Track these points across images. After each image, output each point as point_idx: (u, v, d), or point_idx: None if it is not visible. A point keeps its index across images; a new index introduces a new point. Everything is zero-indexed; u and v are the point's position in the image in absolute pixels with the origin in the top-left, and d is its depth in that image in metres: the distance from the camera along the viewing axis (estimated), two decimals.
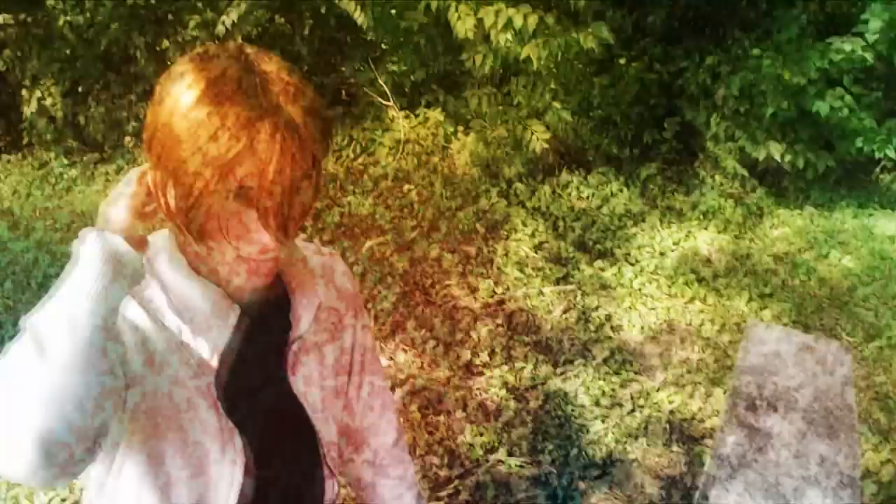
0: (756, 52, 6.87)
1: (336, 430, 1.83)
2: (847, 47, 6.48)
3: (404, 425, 4.51)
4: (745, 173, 7.23)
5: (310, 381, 1.70)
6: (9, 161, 8.66)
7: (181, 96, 1.27)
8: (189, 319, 1.50)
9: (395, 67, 8.11)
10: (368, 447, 2.02)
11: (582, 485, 4.15)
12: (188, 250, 1.49)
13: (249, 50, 1.34)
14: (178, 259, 1.48)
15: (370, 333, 1.91)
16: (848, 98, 6.65)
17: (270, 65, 1.32)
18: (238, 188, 1.28)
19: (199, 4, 8.20)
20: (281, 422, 1.69)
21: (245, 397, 1.59)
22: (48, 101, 8.43)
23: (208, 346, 1.51)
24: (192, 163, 1.26)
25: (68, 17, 7.94)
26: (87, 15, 7.89)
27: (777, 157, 6.86)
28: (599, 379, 4.93)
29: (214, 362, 1.52)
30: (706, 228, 6.74)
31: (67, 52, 8.26)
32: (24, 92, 8.51)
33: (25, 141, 8.78)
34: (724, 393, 4.66)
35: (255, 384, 1.61)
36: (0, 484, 4.25)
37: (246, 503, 1.63)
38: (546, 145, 7.16)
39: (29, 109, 8.46)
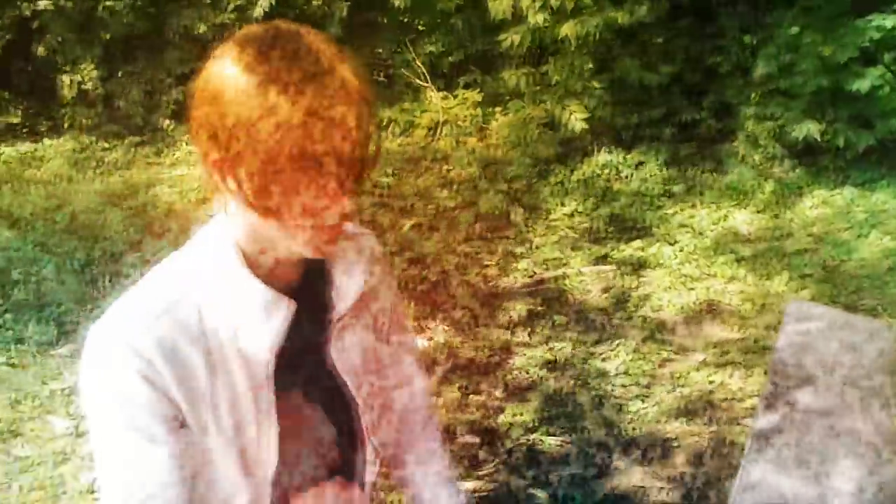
0: (795, 29, 6.82)
1: (378, 403, 1.85)
2: (888, 24, 6.42)
3: (443, 405, 4.54)
4: (784, 152, 7.19)
5: (351, 357, 1.71)
6: (50, 145, 8.74)
7: (241, 78, 1.29)
8: (243, 321, 1.51)
9: (431, 48, 8.13)
10: (394, 401, 2.04)
11: (620, 464, 4.17)
12: (240, 245, 1.49)
13: (289, 25, 1.36)
14: (232, 258, 1.48)
15: (398, 294, 1.94)
16: (888, 75, 6.59)
17: (311, 35, 1.33)
18: (314, 155, 1.30)
19: None
20: (322, 397, 1.71)
21: (286, 372, 1.60)
22: (88, 86, 8.51)
23: (264, 344, 1.53)
24: (265, 140, 1.27)
25: (107, 2, 7.99)
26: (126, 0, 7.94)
27: (816, 136, 6.80)
28: (638, 358, 4.94)
29: (271, 360, 1.54)
30: (745, 208, 6.71)
31: (106, 36, 8.31)
32: (63, 77, 8.58)
33: (66, 125, 8.85)
34: (764, 373, 4.66)
35: (297, 361, 1.62)
36: (47, 461, 4.32)
37: (286, 473, 1.65)
38: (584, 125, 7.17)
39: (69, 94, 8.53)
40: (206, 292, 1.49)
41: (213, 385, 1.49)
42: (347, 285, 1.66)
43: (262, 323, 1.51)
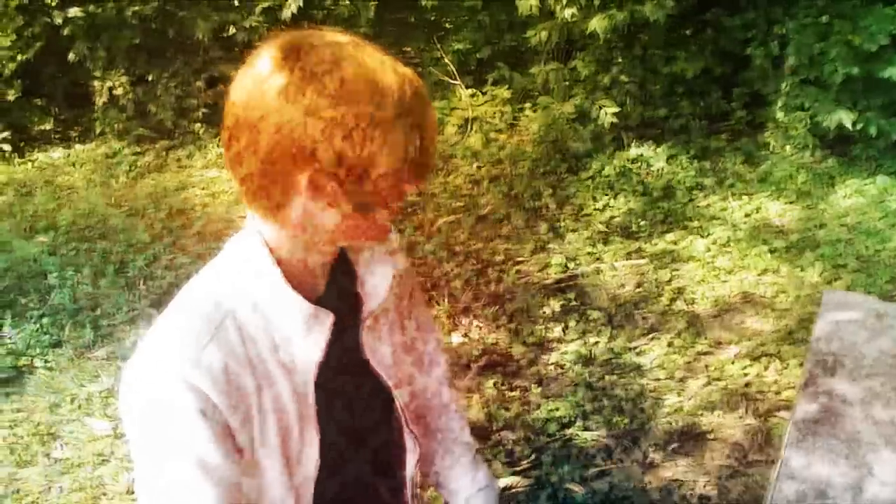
0: (825, 18, 6.79)
1: (409, 391, 1.87)
2: None
3: (480, 401, 4.55)
4: (816, 142, 7.16)
5: (384, 353, 1.73)
6: (82, 151, 8.81)
7: (328, 107, 1.29)
8: (284, 335, 1.52)
9: (459, 46, 8.14)
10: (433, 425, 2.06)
11: (657, 457, 4.17)
12: (275, 253, 1.50)
13: (325, 35, 1.37)
14: (271, 272, 1.48)
15: (416, 279, 1.96)
16: None
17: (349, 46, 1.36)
18: (409, 161, 1.35)
19: None
20: (361, 397, 1.73)
21: (325, 374, 1.60)
22: (119, 91, 8.57)
23: (307, 357, 1.54)
24: (382, 162, 1.33)
25: (136, 7, 8.04)
26: (154, 4, 7.98)
27: (848, 125, 6.77)
28: (673, 352, 4.94)
29: (313, 371, 1.56)
30: (777, 199, 6.69)
31: (136, 41, 8.37)
32: (95, 82, 8.65)
33: (98, 130, 8.92)
34: (800, 365, 4.65)
35: (334, 362, 1.61)
36: (86, 463, 4.36)
37: (327, 469, 1.65)
38: (615, 119, 7.17)
39: (100, 99, 8.59)
40: (245, 309, 1.50)
41: (261, 401, 1.51)
42: (376, 282, 1.67)
43: (303, 337, 1.53)
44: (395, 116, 1.31)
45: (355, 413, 1.73)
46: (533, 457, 4.17)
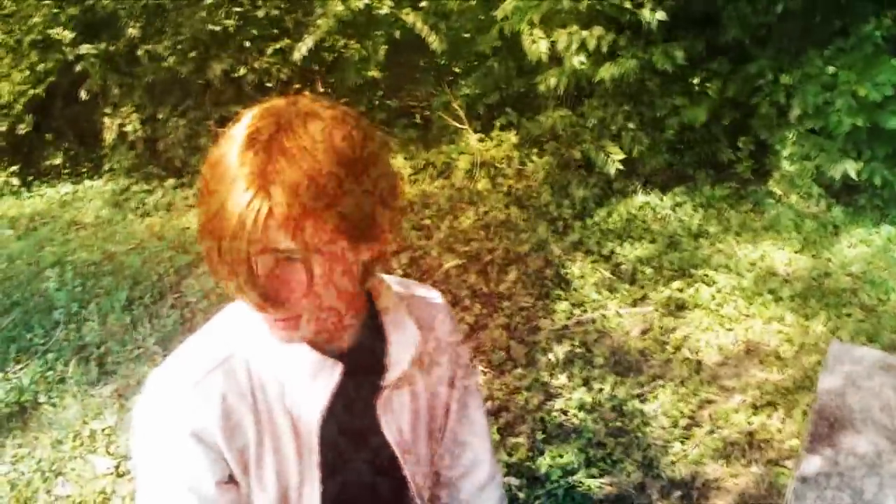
0: (831, 69, 6.83)
1: (427, 471, 1.84)
2: None
3: None
4: (822, 191, 7.18)
5: (399, 421, 1.72)
6: (91, 187, 8.84)
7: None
8: (290, 381, 1.54)
9: (468, 91, 8.17)
10: (462, 464, 1.98)
11: None
12: None
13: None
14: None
15: (473, 376, 1.92)
16: None
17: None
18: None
19: (276, 31, 8.33)
20: (368, 458, 1.72)
21: (334, 429, 1.62)
22: (129, 128, 8.61)
23: (311, 407, 1.55)
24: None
25: (148, 46, 8.10)
26: (167, 43, 8.04)
27: (853, 175, 6.80)
28: (678, 400, 4.94)
29: (317, 421, 1.57)
30: (783, 248, 6.70)
31: (147, 79, 8.42)
32: (105, 119, 8.69)
33: (107, 167, 8.96)
34: (804, 414, 4.66)
35: (346, 419, 1.64)
36: (88, 501, 4.37)
37: None
38: (620, 166, 7.20)
39: (110, 136, 8.63)
40: (254, 350, 1.52)
41: (260, 443, 1.52)
42: (399, 352, 1.66)
43: (308, 385, 1.55)
44: None
45: (363, 478, 1.73)
46: (537, 503, 4.17)
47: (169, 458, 1.45)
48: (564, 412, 4.88)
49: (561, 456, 4.49)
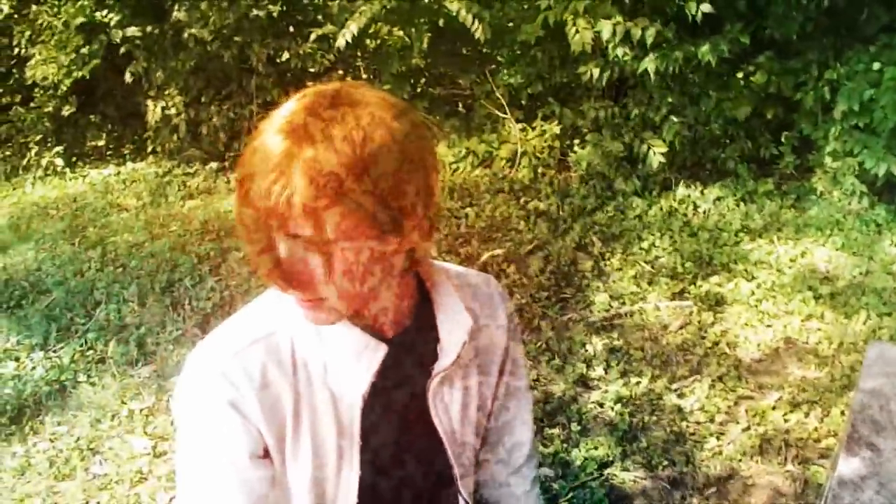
0: (876, 65, 6.77)
1: (472, 460, 1.84)
2: None
3: None
4: (864, 189, 7.13)
5: (449, 409, 1.71)
6: (134, 169, 8.91)
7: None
8: (333, 360, 1.54)
9: (511, 80, 8.15)
10: (503, 446, 1.98)
11: (696, 501, 4.16)
12: None
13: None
14: None
15: (520, 347, 1.91)
16: None
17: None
18: None
19: (320, 17, 8.34)
20: (412, 445, 1.70)
21: (380, 422, 1.62)
22: (172, 111, 8.65)
23: (352, 387, 1.55)
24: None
25: (193, 30, 8.13)
26: (212, 28, 8.07)
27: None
28: (715, 395, 4.93)
29: (357, 404, 1.56)
30: (823, 245, 6.66)
31: (191, 63, 8.45)
32: (149, 102, 8.74)
33: (150, 149, 9.02)
34: (841, 413, 4.63)
35: (393, 410, 1.63)
36: (125, 480, 4.40)
37: None
38: (662, 159, 7.17)
39: (153, 118, 8.68)
40: (299, 328, 1.53)
41: (298, 419, 1.52)
42: (451, 338, 1.64)
43: (351, 365, 1.53)
44: None
45: (405, 465, 1.71)
46: (570, 495, 4.17)
47: (206, 426, 1.45)
48: (601, 405, 4.87)
49: (596, 448, 4.49)
